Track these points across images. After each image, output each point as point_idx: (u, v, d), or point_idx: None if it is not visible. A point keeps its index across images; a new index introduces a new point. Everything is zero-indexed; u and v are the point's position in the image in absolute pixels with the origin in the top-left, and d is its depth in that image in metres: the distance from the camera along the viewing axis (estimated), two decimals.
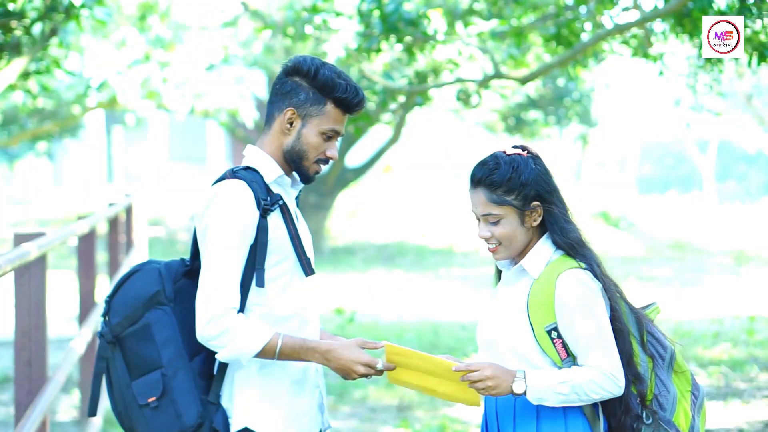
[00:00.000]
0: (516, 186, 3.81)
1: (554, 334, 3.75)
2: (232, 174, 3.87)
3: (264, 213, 3.82)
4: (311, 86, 3.87)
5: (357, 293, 18.00)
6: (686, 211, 36.91)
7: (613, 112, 50.88)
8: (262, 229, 3.81)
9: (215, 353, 3.79)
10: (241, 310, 3.82)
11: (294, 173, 3.98)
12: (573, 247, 3.84)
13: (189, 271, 3.94)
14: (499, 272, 4.04)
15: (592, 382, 3.69)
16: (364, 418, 9.37)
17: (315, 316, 4.00)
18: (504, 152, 3.88)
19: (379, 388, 10.29)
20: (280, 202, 3.87)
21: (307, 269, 3.90)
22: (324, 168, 3.97)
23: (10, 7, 8.84)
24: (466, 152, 53.22)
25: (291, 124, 3.89)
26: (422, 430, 8.73)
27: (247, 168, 3.90)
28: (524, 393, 3.71)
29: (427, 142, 39.82)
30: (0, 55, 9.50)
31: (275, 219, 3.86)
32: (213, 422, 3.82)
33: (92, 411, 4.03)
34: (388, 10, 9.83)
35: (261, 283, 3.81)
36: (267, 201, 3.83)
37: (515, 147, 3.91)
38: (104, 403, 8.34)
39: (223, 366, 3.83)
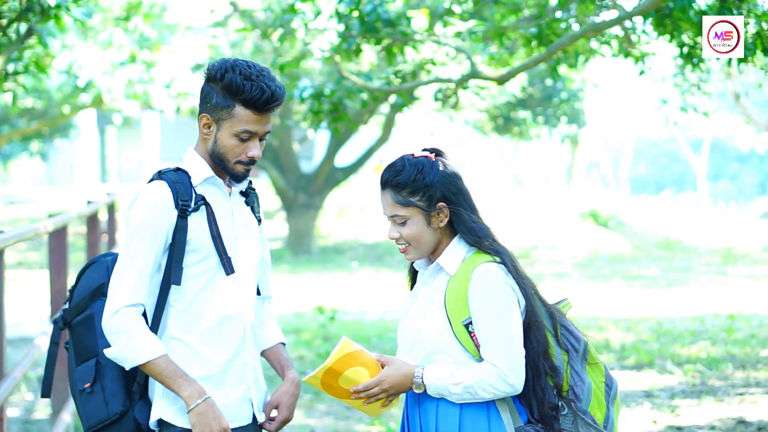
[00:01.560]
0: (420, 187, 3.87)
1: (471, 327, 3.80)
2: (158, 175, 3.99)
3: (183, 213, 3.90)
4: (220, 90, 3.92)
5: (343, 292, 18.06)
6: (678, 210, 37.02)
7: (604, 111, 50.90)
8: (180, 229, 3.91)
9: None
10: (162, 306, 3.93)
11: None
12: (483, 243, 3.89)
13: None
14: (414, 273, 4.11)
15: (484, 382, 3.76)
16: (340, 416, 9.41)
17: (244, 314, 4.05)
18: (412, 155, 3.95)
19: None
20: (201, 203, 3.95)
21: (227, 268, 3.96)
22: (249, 168, 4.00)
23: None
24: (457, 152, 53.28)
25: (209, 128, 3.97)
26: (397, 427, 8.78)
27: (177, 169, 4.00)
28: (425, 390, 3.82)
29: (416, 141, 39.84)
30: None
31: (197, 219, 3.95)
32: (135, 412, 3.95)
33: (44, 392, 4.19)
34: (365, 10, 9.85)
35: (177, 281, 3.91)
36: (187, 202, 3.92)
37: (424, 150, 3.97)
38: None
39: None
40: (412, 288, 4.13)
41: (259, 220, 4.20)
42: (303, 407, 9.65)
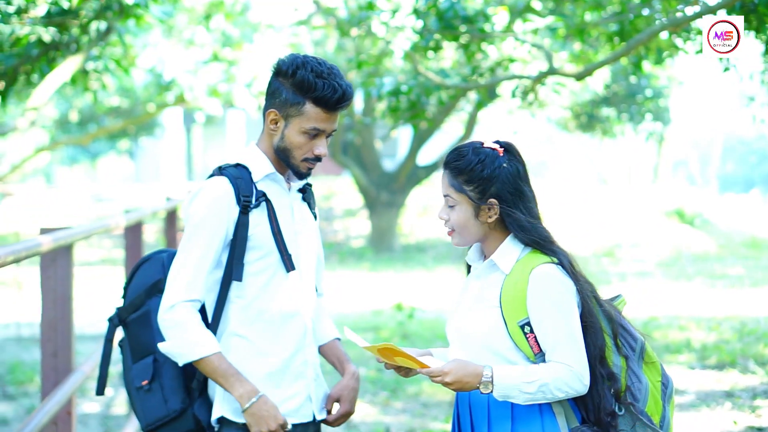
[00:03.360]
0: (476, 178, 3.79)
1: (527, 329, 3.72)
2: (219, 171, 3.97)
3: (244, 209, 3.88)
4: (291, 86, 3.89)
5: (423, 290, 18.03)
6: (767, 209, 36.42)
7: (691, 109, 50.27)
8: (242, 225, 3.89)
9: None
10: (222, 302, 3.91)
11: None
12: (538, 242, 3.80)
13: None
14: (469, 266, 4.05)
15: (560, 380, 3.67)
16: (416, 413, 9.39)
17: (304, 311, 4.04)
18: (482, 144, 3.85)
19: (433, 384, 10.31)
20: (263, 199, 3.93)
21: (288, 265, 3.94)
22: (313, 165, 3.98)
23: (65, 5, 8.97)
24: (540, 150, 52.98)
25: (276, 124, 3.94)
26: None
27: (237, 165, 3.98)
28: (491, 391, 3.70)
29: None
30: (57, 53, 9.66)
31: (258, 215, 3.93)
32: (194, 409, 3.94)
33: (99, 390, 4.21)
34: (443, 7, 9.83)
35: (239, 277, 3.89)
36: (248, 198, 3.89)
37: (496, 142, 3.87)
38: None
39: None
40: None
41: (315, 216, 4.18)
42: (379, 405, 9.65)
